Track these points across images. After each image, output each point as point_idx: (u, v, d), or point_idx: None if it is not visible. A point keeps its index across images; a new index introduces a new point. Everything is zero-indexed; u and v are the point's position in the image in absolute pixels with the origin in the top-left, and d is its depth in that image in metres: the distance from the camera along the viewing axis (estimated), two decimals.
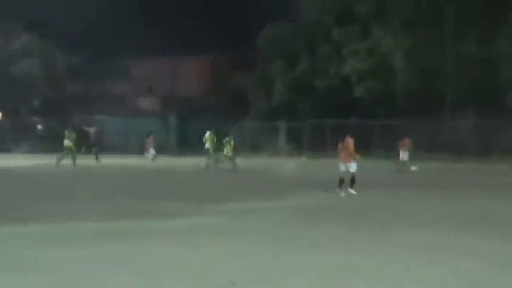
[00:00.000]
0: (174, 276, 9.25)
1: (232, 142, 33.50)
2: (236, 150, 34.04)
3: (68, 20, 52.94)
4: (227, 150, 33.38)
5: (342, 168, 20.80)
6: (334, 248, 11.41)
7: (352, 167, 20.69)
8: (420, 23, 46.85)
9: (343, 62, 49.62)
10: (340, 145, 21.28)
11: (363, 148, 22.42)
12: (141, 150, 42.46)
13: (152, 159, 38.88)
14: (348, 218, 15.48)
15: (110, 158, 39.64)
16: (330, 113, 48.21)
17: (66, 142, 35.78)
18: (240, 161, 33.98)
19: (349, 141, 21.02)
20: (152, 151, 39.78)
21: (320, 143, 45.77)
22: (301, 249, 11.31)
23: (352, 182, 20.56)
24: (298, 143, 48.73)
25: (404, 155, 32.19)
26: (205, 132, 35.70)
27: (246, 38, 53.61)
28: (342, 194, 20.28)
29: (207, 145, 34.73)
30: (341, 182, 20.64)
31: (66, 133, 36.35)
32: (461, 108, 46.47)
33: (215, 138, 34.78)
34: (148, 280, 8.97)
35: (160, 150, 42.76)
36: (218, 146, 34.56)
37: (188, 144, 47.36)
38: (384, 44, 48.00)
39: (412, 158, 32.69)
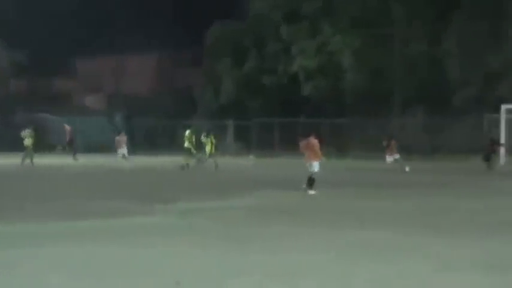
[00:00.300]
0: (116, 277, 8.99)
1: (213, 140, 32.98)
2: (217, 148, 33.49)
3: (11, 16, 51.91)
4: (209, 149, 32.86)
5: (310, 167, 20.69)
6: (283, 248, 11.25)
7: (315, 166, 20.60)
8: (369, 22, 47.18)
9: (291, 60, 49.70)
10: (303, 143, 21.09)
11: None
12: (87, 149, 41.77)
13: (123, 158, 37.12)
14: (298, 217, 15.36)
15: (54, 157, 39.01)
16: (278, 111, 48.28)
17: (26, 141, 35.25)
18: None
19: (314, 142, 20.89)
20: (122, 150, 37.69)
21: (268, 142, 45.78)
22: (249, 249, 11.15)
23: (311, 182, 20.48)
24: (246, 142, 48.63)
25: (390, 158, 31.44)
26: (152, 131, 35.19)
27: (194, 36, 53.26)
28: (312, 192, 20.18)
29: (186, 144, 33.56)
30: (310, 181, 20.56)
31: (25, 132, 35.73)
32: (410, 107, 47.01)
33: (194, 137, 33.91)
34: (90, 281, 8.68)
35: (106, 149, 42.14)
36: (198, 145, 33.86)
37: (135, 143, 46.79)
38: (333, 42, 48.23)
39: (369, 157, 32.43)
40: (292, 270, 9.53)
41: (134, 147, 44.13)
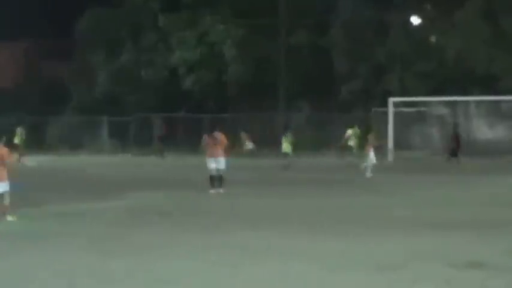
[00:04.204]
0: None
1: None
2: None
3: None
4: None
5: (211, 165, 20.60)
6: (159, 253, 11.21)
7: (222, 163, 20.60)
8: (252, 11, 47.48)
9: (171, 52, 49.39)
10: (208, 139, 20.96)
11: (195, 143, 22.31)
12: None
13: None
14: (177, 219, 15.34)
15: None
16: (157, 106, 47.92)
17: None
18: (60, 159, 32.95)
19: (222, 137, 20.80)
20: None
21: (147, 139, 45.32)
22: (121, 254, 11.09)
23: (218, 180, 20.51)
24: (122, 139, 47.93)
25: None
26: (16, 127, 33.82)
27: (64, 24, 51.89)
28: (212, 191, 20.27)
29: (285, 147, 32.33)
30: (212, 180, 20.54)
31: None
32: (295, 101, 47.70)
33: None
34: None
35: None
36: None
37: None
38: (214, 32, 48.24)
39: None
40: (174, 275, 9.52)
41: None
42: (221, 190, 20.36)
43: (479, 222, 14.23)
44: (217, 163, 20.59)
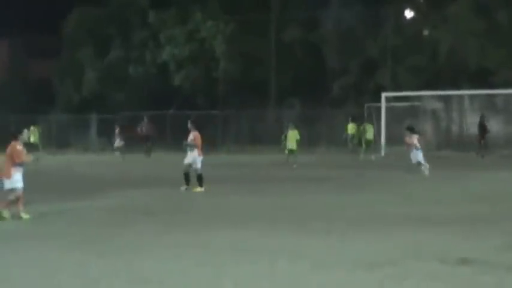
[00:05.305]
0: None
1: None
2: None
3: None
4: None
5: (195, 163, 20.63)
6: (144, 252, 11.12)
7: (199, 162, 20.54)
8: (242, 7, 47.42)
9: (160, 49, 49.30)
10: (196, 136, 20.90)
11: (181, 140, 22.22)
12: None
13: None
14: (161, 218, 15.24)
15: None
16: (146, 104, 47.79)
17: None
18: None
19: (198, 135, 20.78)
20: None
21: (136, 136, 45.10)
22: (105, 253, 11.00)
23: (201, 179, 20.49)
24: (110, 137, 47.74)
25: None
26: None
27: (51, 22, 51.71)
28: (183, 188, 20.33)
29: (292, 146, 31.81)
30: (186, 176, 20.58)
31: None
32: (286, 97, 47.65)
33: None
34: None
35: None
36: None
37: None
38: (204, 28, 48.15)
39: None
40: (160, 274, 9.46)
41: None
42: (202, 189, 20.42)
43: (470, 218, 14.17)
44: (195, 162, 20.66)
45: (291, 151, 31.51)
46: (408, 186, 21.53)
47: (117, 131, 40.97)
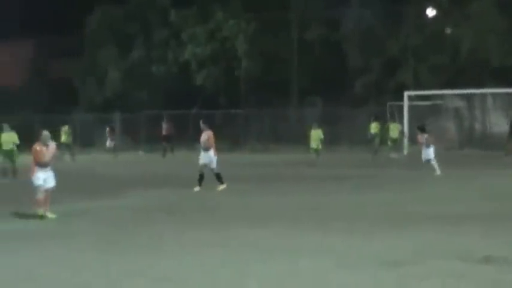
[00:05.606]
0: None
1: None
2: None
3: None
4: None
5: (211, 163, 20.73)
6: (166, 251, 11.23)
7: (214, 161, 20.69)
8: (264, 6, 47.41)
9: (182, 48, 49.41)
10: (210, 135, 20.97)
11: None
12: None
13: None
14: (182, 217, 15.37)
15: None
16: (169, 103, 47.87)
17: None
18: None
19: (210, 134, 20.89)
20: None
21: (158, 136, 45.27)
22: (128, 252, 11.14)
23: (219, 176, 20.63)
24: (134, 136, 48.02)
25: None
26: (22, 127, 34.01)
27: (73, 22, 51.88)
28: (196, 189, 20.34)
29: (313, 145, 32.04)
30: (201, 177, 20.61)
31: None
32: (308, 96, 47.63)
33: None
34: None
35: None
36: None
37: None
38: (226, 27, 48.21)
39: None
40: (182, 273, 9.54)
41: None
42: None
43: (492, 217, 14.17)
44: (211, 162, 20.70)
45: (314, 150, 31.65)
46: (430, 184, 21.49)
47: (107, 130, 41.23)
